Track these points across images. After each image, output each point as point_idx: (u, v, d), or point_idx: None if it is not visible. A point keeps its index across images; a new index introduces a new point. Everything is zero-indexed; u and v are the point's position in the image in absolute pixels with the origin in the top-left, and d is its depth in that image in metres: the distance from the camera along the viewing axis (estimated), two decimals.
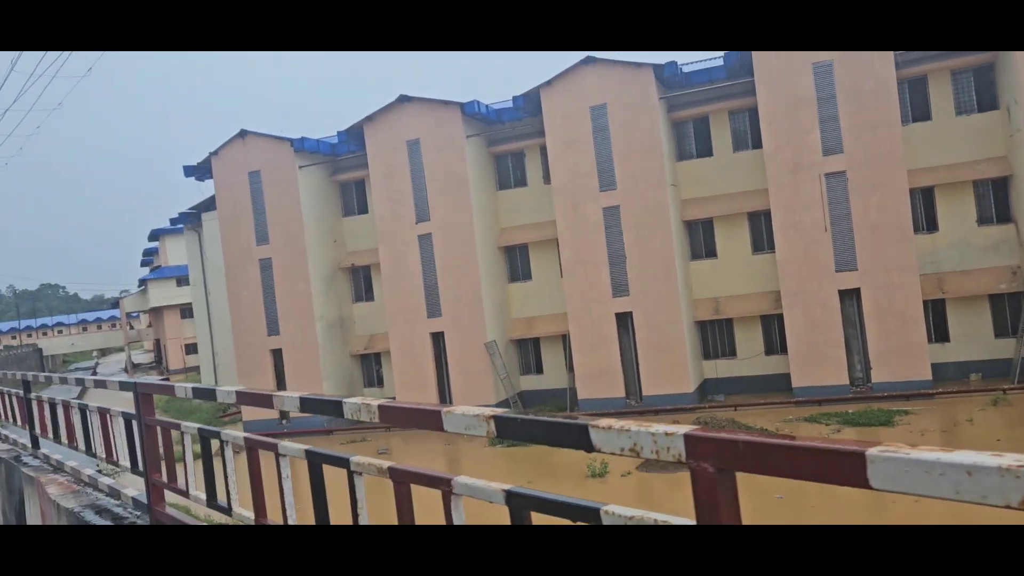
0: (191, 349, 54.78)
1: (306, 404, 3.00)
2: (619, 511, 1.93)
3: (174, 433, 4.57)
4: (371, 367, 33.01)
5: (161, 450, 4.65)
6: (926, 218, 25.64)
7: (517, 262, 30.84)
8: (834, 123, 24.40)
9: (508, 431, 2.03)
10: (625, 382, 27.13)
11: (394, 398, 29.68)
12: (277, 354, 31.52)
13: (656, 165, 26.27)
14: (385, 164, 29.53)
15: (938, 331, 25.36)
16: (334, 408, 2.77)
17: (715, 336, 28.18)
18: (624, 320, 27.12)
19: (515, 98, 27.70)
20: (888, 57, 23.84)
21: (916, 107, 25.47)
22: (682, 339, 26.20)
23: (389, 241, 29.59)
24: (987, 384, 24.26)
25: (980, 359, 25.37)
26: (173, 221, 44.76)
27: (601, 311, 27.05)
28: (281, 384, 31.44)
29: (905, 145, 24.17)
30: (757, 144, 27.29)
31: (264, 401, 3.26)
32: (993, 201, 25.49)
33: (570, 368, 28.28)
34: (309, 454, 3.15)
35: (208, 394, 3.97)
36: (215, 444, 4.00)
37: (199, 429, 4.15)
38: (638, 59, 26.36)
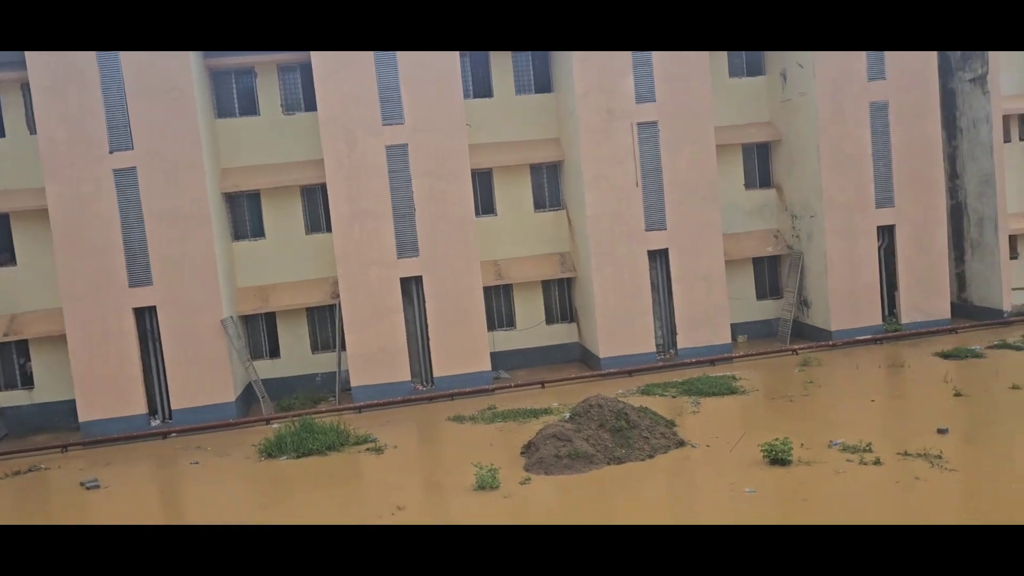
0: None
1: None
2: None
3: None
4: (12, 361, 22.93)
5: None
6: None
7: (245, 214, 23.69)
8: (646, 68, 22.41)
9: None
10: (411, 362, 22.26)
11: (72, 402, 20.92)
12: None
13: (453, 99, 21.72)
14: (57, 66, 20.17)
15: None
16: None
17: (493, 305, 24.68)
18: (409, 287, 22.18)
19: None
20: None
21: None
22: (480, 309, 22.22)
23: (64, 176, 20.36)
24: (752, 347, 24.66)
25: (744, 321, 25.82)
26: None
27: (383, 276, 21.73)
28: None
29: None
30: (544, 88, 24.34)
31: None
32: (758, 166, 26.02)
33: (342, 346, 22.41)
34: None
35: None
36: None
37: None
38: None
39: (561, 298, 25.25)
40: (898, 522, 11.25)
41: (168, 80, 20.51)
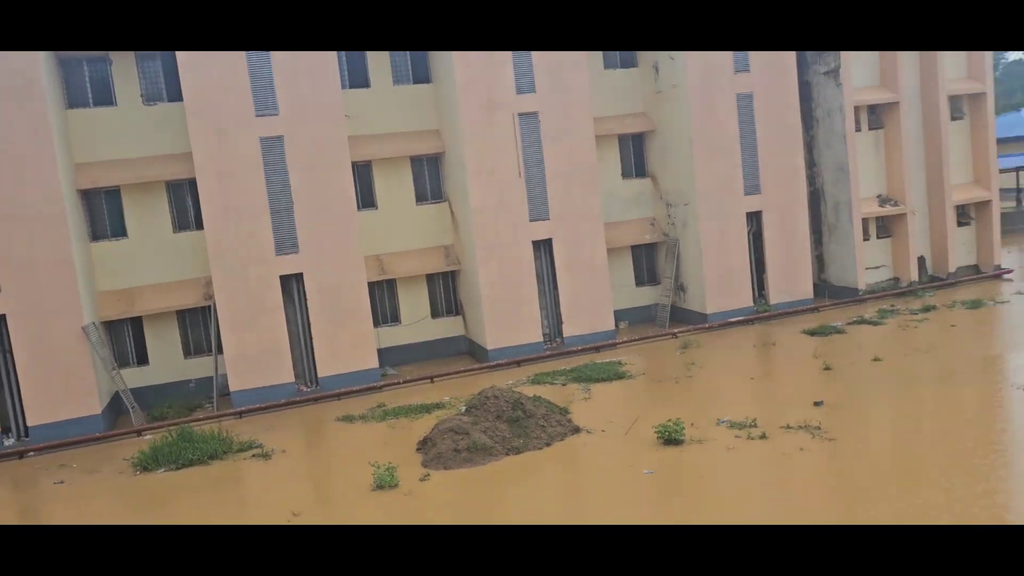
0: None
1: None
2: None
3: None
4: None
5: None
6: None
7: (104, 213, 22.05)
8: (525, 59, 22.48)
9: None
10: (294, 363, 21.42)
11: None
12: None
13: (330, 89, 21.01)
14: None
15: None
16: None
17: (377, 301, 24.15)
18: (289, 285, 21.31)
19: None
20: None
21: None
22: (364, 305, 21.65)
23: None
24: (633, 332, 25.33)
25: (625, 308, 26.46)
26: None
27: (261, 274, 20.77)
28: None
29: None
30: (423, 78, 23.97)
31: None
32: (633, 155, 26.69)
33: (218, 350, 21.24)
34: None
35: None
36: None
37: None
38: None
39: (446, 291, 25.03)
40: (786, 493, 11.79)
41: (10, 67, 18.74)
